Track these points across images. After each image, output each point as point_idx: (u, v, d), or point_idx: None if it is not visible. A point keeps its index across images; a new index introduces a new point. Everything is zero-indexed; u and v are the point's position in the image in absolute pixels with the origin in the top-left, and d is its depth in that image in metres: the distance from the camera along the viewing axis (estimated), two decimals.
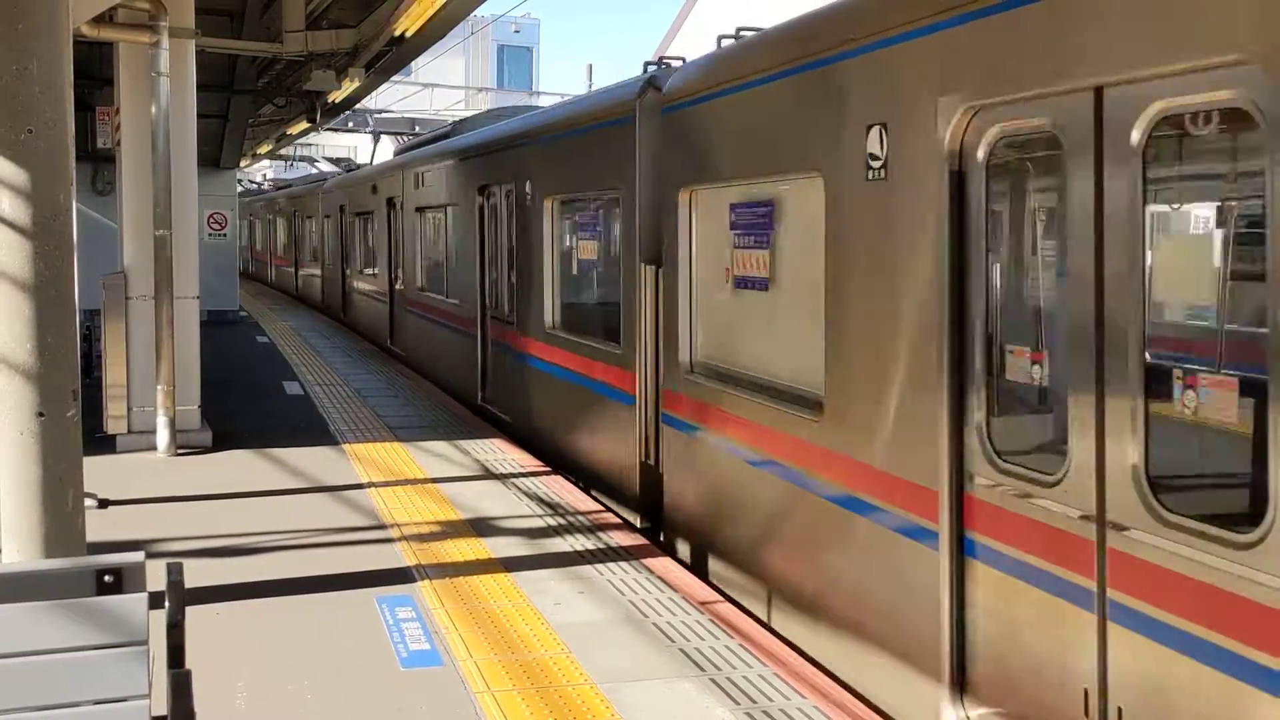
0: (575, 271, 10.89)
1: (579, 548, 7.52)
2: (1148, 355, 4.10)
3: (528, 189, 11.31)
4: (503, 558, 7.28)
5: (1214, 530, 3.78)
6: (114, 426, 10.66)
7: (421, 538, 7.73)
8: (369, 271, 20.93)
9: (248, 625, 6.13)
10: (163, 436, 10.43)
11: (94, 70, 15.35)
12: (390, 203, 18.30)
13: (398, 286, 18.02)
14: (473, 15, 14.18)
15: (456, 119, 17.89)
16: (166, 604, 3.35)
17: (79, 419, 5.22)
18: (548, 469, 9.89)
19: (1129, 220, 4.12)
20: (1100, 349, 4.24)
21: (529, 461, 10.14)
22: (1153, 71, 3.97)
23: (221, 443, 10.81)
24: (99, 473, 8.96)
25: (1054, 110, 4.45)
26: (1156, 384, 4.06)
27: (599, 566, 7.11)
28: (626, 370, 8.77)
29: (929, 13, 5.14)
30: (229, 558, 7.33)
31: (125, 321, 10.66)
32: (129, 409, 10.68)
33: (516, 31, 65.49)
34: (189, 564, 3.80)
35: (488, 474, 9.65)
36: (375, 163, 26.54)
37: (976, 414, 4.90)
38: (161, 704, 3.19)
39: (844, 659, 5.86)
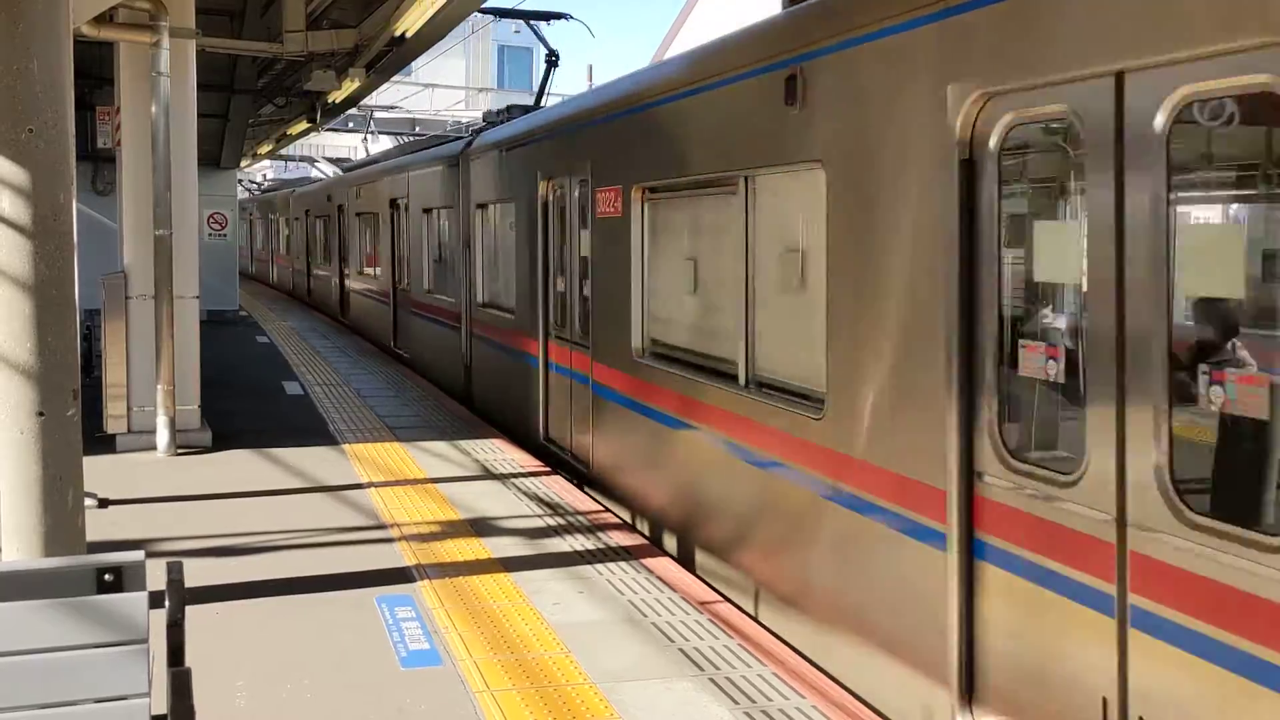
0: None
1: (578, 547, 7.53)
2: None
3: None
4: (502, 557, 7.29)
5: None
6: (114, 426, 10.67)
7: (421, 538, 7.74)
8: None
9: (247, 624, 6.14)
10: (162, 436, 10.44)
11: (94, 70, 15.35)
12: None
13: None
14: (473, 15, 14.19)
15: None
16: (166, 603, 3.36)
17: (79, 418, 5.23)
18: (547, 469, 9.90)
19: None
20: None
21: (528, 461, 10.15)
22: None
23: (221, 443, 10.82)
24: (99, 472, 8.97)
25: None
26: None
27: (598, 566, 7.12)
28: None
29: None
30: (229, 557, 7.34)
31: (125, 321, 10.67)
32: (129, 409, 10.69)
33: (516, 32, 65.37)
34: (189, 563, 3.81)
35: (487, 474, 9.66)
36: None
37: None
38: (161, 703, 3.20)
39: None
